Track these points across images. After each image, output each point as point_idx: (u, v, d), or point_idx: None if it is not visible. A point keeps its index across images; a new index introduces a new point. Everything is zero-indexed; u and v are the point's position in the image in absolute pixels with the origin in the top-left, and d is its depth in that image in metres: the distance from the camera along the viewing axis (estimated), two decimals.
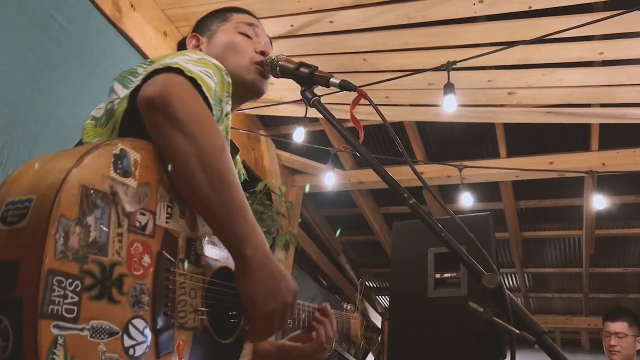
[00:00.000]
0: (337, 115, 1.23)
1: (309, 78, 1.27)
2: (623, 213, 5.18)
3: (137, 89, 0.97)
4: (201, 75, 0.99)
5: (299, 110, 4.00)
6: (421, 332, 2.60)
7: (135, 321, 0.80)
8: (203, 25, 1.45)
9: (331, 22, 3.26)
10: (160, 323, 0.84)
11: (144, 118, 0.93)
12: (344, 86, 1.24)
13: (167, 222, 0.90)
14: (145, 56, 3.10)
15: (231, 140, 1.44)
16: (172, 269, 0.89)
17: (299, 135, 3.71)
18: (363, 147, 1.20)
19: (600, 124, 4.03)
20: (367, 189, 5.37)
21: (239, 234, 0.93)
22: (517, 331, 0.80)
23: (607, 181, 4.37)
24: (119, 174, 0.83)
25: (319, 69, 1.29)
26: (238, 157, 1.47)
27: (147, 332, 0.82)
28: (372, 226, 5.97)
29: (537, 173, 4.33)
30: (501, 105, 3.82)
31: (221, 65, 1.16)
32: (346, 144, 1.25)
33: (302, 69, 1.29)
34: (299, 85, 1.29)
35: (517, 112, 3.84)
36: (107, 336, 0.76)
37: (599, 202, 3.90)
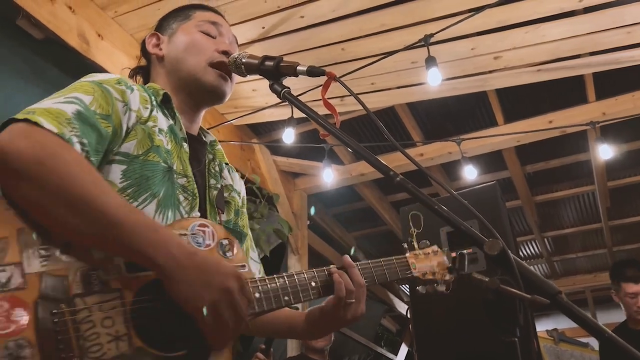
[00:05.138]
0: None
1: (275, 70, 1.22)
2: (632, 160, 5.07)
3: None
4: (49, 107, 0.94)
5: (287, 113, 3.94)
6: (445, 315, 2.52)
7: None
8: (165, 23, 1.40)
9: (302, 17, 3.20)
10: None
11: None
12: (312, 72, 1.19)
13: (43, 266, 0.86)
14: None
15: (200, 129, 1.38)
16: (59, 309, 0.85)
17: (288, 136, 3.64)
18: (340, 130, 1.14)
19: (594, 73, 3.93)
20: (370, 180, 5.29)
21: (139, 249, 0.88)
22: (528, 296, 0.73)
23: (610, 130, 4.27)
24: None
25: (284, 59, 1.23)
26: (219, 146, 1.40)
27: None
28: (382, 216, 5.89)
29: (538, 134, 4.24)
30: (489, 72, 3.73)
31: (107, 77, 1.12)
32: (324, 132, 1.20)
33: (267, 63, 1.24)
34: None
35: (507, 76, 3.75)
36: None
37: (605, 152, 3.81)
